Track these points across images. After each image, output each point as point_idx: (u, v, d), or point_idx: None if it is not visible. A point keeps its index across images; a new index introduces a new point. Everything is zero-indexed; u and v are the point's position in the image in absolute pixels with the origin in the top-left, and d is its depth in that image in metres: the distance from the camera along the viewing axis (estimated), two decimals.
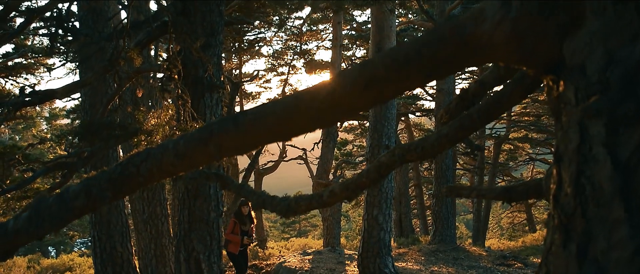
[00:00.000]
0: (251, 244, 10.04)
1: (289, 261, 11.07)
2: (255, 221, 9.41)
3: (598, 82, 1.19)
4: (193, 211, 6.80)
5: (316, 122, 1.52)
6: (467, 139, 2.94)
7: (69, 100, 22.05)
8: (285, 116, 1.51)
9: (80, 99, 8.60)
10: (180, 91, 4.58)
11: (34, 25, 12.49)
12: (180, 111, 4.67)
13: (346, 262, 11.18)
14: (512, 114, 21.48)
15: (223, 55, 9.07)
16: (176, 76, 4.44)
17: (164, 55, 5.02)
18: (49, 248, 27.62)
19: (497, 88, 2.42)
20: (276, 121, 1.53)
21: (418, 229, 22.65)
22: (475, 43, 1.38)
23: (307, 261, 11.29)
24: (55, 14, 4.63)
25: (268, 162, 20.03)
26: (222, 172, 2.88)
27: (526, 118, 21.36)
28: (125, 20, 4.75)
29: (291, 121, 1.51)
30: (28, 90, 5.18)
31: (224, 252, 12.10)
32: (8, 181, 5.79)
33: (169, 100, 5.62)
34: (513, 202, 2.32)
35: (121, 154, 8.82)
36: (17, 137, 26.09)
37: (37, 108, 17.20)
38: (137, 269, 8.87)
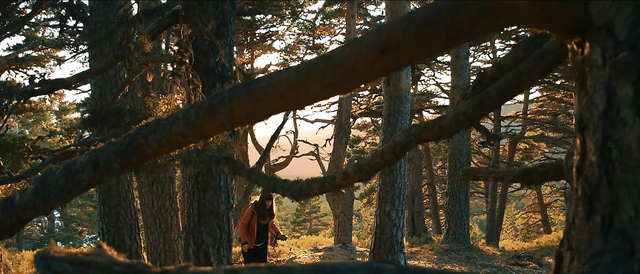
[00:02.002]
0: (275, 245, 9.63)
1: (299, 258, 11.04)
2: (275, 215, 8.89)
3: (626, 39, 1.13)
4: (203, 204, 6.74)
5: (330, 89, 1.46)
6: (483, 127, 2.88)
7: (79, 93, 22.21)
8: (298, 82, 1.46)
9: (90, 92, 8.61)
10: (191, 76, 4.55)
11: (44, 16, 12.58)
12: (191, 96, 4.64)
13: (358, 259, 11.12)
14: (528, 112, 21.27)
15: (234, 48, 9.06)
16: (187, 60, 4.41)
17: (175, 48, 4.99)
18: (59, 242, 27.84)
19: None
20: (290, 87, 1.48)
21: (431, 228, 22.49)
22: (498, 5, 1.32)
23: (317, 257, 11.25)
24: (65, 0, 4.61)
25: (279, 157, 20.00)
26: (232, 157, 2.85)
27: (542, 117, 21.12)
28: (136, 5, 4.73)
29: (305, 88, 1.46)
30: (37, 79, 5.16)
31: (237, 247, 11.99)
32: (17, 173, 5.80)
33: (179, 84, 5.59)
34: (532, 184, 2.24)
35: None
36: (26, 131, 26.33)
37: (47, 102, 17.31)
38: (146, 263, 8.86)
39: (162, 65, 9.55)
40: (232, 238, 7.30)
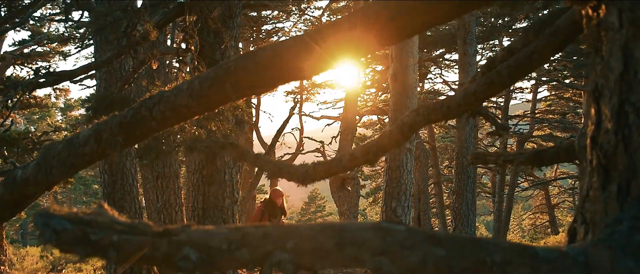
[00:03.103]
0: None
1: None
2: (286, 213, 8.34)
3: None
4: (207, 198, 6.69)
5: (337, 57, 1.43)
6: (493, 117, 2.83)
7: (84, 88, 22.27)
8: (305, 51, 1.43)
9: (95, 86, 8.59)
10: (196, 63, 4.53)
11: (49, 11, 12.59)
12: None
13: None
14: (536, 111, 21.12)
15: (240, 44, 9.01)
16: (193, 47, 4.39)
17: (182, 36, 4.97)
18: None
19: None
20: (296, 56, 1.45)
21: (437, 228, 22.39)
22: None
23: None
24: None
25: (285, 154, 19.94)
26: (237, 143, 2.83)
27: (551, 116, 20.97)
28: None
29: (312, 56, 1.42)
30: (43, 71, 5.14)
31: None
32: None
33: (185, 72, 5.56)
34: (543, 165, 2.20)
35: None
36: (32, 127, 26.38)
37: (53, 99, 17.33)
38: None
39: (167, 61, 9.54)
40: None
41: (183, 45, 4.43)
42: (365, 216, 36.35)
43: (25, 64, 13.03)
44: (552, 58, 17.93)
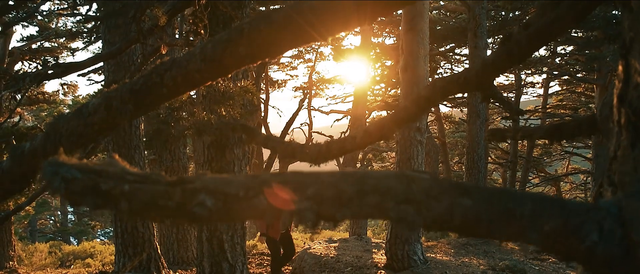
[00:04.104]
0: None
1: (314, 248, 10.96)
2: None
3: None
4: None
5: (361, 14, 1.38)
6: (506, 101, 2.77)
7: (92, 83, 22.36)
8: (325, 8, 1.38)
9: (103, 81, 8.59)
10: None
11: (57, 5, 12.62)
12: None
13: (373, 250, 11.01)
14: (548, 106, 20.95)
15: None
16: (202, 31, 4.36)
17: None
18: (71, 237, 28.02)
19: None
20: (314, 15, 1.40)
21: None
22: None
23: (332, 248, 11.16)
24: None
25: None
26: (248, 124, 2.79)
27: (562, 111, 20.79)
28: None
29: (333, 13, 1.37)
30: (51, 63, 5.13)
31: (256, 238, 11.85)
32: None
33: None
34: (563, 139, 2.14)
35: (143, 127, 8.72)
36: (40, 124, 26.56)
37: (61, 96, 17.37)
38: (159, 251, 8.79)
39: (176, 55, 9.51)
40: (245, 224, 7.20)
41: (193, 28, 4.39)
42: None
43: (33, 60, 13.07)
44: (563, 53, 17.80)
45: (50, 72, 5.19)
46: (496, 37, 16.16)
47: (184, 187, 0.95)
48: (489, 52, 14.28)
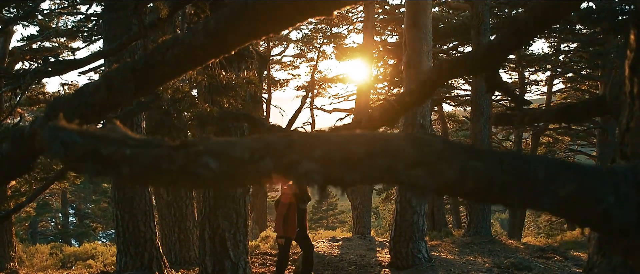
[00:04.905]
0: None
1: (317, 247, 10.91)
2: (311, 198, 8.18)
3: None
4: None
5: None
6: (512, 91, 2.73)
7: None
8: None
9: None
10: None
11: (57, 4, 12.60)
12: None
13: (377, 249, 10.97)
14: (552, 104, 20.85)
15: None
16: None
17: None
18: (72, 240, 27.96)
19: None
20: None
21: (451, 225, 22.22)
22: None
23: (336, 247, 11.13)
24: None
25: None
26: (250, 113, 2.77)
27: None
28: None
29: None
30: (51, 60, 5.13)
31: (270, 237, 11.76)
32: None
33: None
34: (572, 122, 2.11)
35: (144, 125, 8.67)
36: None
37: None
38: (160, 251, 8.72)
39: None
40: (248, 222, 7.14)
41: (194, 19, 4.37)
42: (377, 214, 36.20)
43: (34, 60, 13.02)
44: (567, 49, 17.74)
45: (50, 69, 5.17)
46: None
47: (188, 151, 0.92)
48: None
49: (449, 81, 20.89)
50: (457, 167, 0.91)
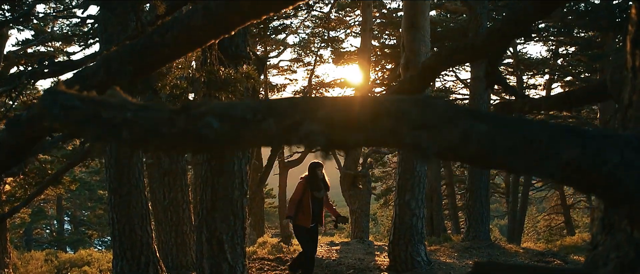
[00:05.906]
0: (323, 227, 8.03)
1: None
2: (330, 187, 7.81)
3: None
4: (216, 189, 6.53)
5: None
6: (510, 86, 2.73)
7: None
8: None
9: None
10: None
11: (52, 8, 12.57)
12: (207, 53, 4.49)
13: (376, 253, 10.94)
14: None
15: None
16: None
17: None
18: (67, 247, 27.74)
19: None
20: None
21: (450, 230, 22.17)
22: None
23: (334, 251, 11.09)
24: None
25: (294, 153, 19.84)
26: None
27: (565, 113, 20.71)
28: None
29: None
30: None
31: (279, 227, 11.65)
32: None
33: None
34: (574, 107, 2.11)
35: None
36: None
37: None
38: (157, 255, 8.65)
39: None
40: (245, 226, 7.08)
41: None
42: (376, 220, 36.11)
43: (29, 64, 12.95)
44: (565, 53, 17.76)
45: (46, 70, 5.16)
46: None
47: (189, 113, 0.91)
48: None
49: (447, 86, 20.94)
50: (461, 129, 0.90)
